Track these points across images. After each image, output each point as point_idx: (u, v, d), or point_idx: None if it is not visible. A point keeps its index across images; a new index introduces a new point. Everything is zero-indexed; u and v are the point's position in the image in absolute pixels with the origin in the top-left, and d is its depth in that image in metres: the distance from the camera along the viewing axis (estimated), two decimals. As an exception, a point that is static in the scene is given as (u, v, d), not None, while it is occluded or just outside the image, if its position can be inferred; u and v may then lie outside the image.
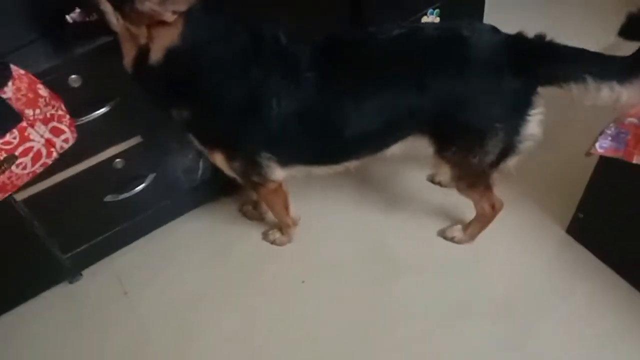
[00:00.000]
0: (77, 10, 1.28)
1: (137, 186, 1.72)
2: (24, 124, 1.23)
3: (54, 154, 1.34)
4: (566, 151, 1.86)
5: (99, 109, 1.48)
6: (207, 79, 1.34)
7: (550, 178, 1.95)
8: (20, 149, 1.25)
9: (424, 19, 2.02)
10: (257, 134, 1.43)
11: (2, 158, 1.22)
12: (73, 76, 1.39)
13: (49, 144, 1.31)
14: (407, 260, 1.81)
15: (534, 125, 1.41)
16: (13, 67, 1.21)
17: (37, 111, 1.26)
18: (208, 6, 1.26)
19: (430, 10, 2.00)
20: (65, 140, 1.35)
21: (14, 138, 1.23)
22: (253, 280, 1.81)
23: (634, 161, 1.39)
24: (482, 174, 1.54)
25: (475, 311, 1.69)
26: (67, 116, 1.35)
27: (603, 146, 1.44)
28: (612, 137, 1.43)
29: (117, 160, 1.63)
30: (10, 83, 1.19)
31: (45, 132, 1.29)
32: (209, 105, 1.38)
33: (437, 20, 2.05)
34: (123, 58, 1.32)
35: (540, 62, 1.35)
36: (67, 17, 1.28)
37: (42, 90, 1.27)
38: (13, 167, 1.26)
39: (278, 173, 1.55)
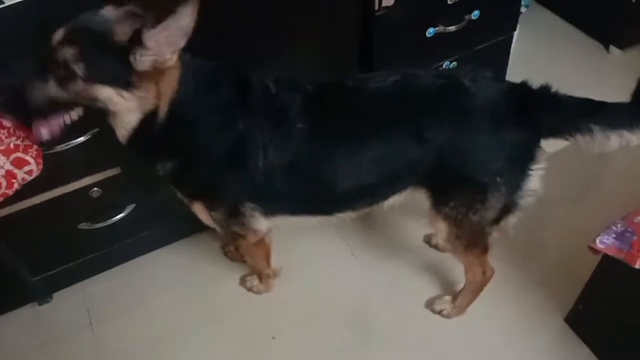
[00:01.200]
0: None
1: (115, 216, 1.67)
2: (-19, 154, 1.18)
3: (15, 185, 1.28)
4: (577, 235, 1.71)
5: (76, 138, 1.42)
6: (195, 129, 1.25)
7: (560, 262, 1.81)
8: (-25, 180, 1.20)
9: (443, 66, 1.91)
10: (242, 184, 1.34)
11: (-44, 186, 1.18)
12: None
13: (9, 175, 1.26)
14: (386, 332, 1.70)
15: (535, 180, 1.32)
16: (-23, 96, 1.16)
17: (-3, 142, 1.21)
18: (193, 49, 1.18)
19: (447, 63, 1.89)
20: (29, 172, 1.30)
21: (-30, 168, 1.18)
22: (224, 327, 1.72)
23: (637, 266, 1.26)
24: (481, 232, 1.42)
25: None
26: (35, 147, 1.29)
27: (605, 242, 1.31)
28: (616, 234, 1.30)
29: (94, 189, 1.58)
30: (-31, 114, 1.14)
31: (5, 163, 1.24)
32: (194, 155, 1.29)
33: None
34: (116, 133, 1.22)
35: (544, 114, 1.27)
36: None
37: (6, 122, 1.21)
38: (-32, 196, 1.21)
39: (262, 223, 1.45)
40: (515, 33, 2.06)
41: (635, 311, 1.42)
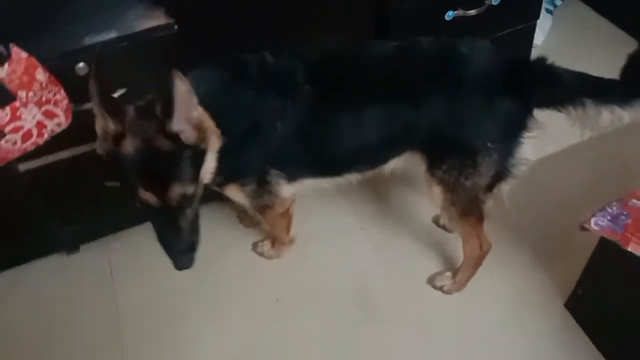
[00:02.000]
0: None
1: (138, 176, 1.77)
2: (16, 104, 1.30)
3: (45, 135, 1.41)
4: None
5: (104, 98, 1.53)
6: (219, 124, 1.32)
7: (562, 246, 1.83)
8: (10, 127, 1.32)
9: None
10: (265, 152, 1.43)
11: (-9, 132, 1.30)
12: (80, 64, 1.45)
13: (40, 125, 1.38)
14: (387, 307, 1.75)
15: (528, 148, 1.37)
16: (15, 49, 1.28)
17: (31, 94, 1.32)
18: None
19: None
20: (58, 124, 1.42)
21: (5, 115, 1.30)
22: (232, 289, 1.82)
23: (629, 248, 1.27)
24: (475, 199, 1.47)
25: None
26: (65, 101, 1.42)
27: (599, 224, 1.33)
28: (611, 217, 1.32)
29: (120, 148, 1.68)
30: (6, 65, 1.26)
31: (37, 114, 1.36)
32: (226, 150, 1.35)
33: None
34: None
35: (538, 85, 1.32)
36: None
37: (40, 75, 1.33)
38: (2, 142, 1.34)
39: (286, 189, 1.54)
40: (538, 22, 2.07)
41: (632, 296, 1.43)
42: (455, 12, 1.78)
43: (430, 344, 1.66)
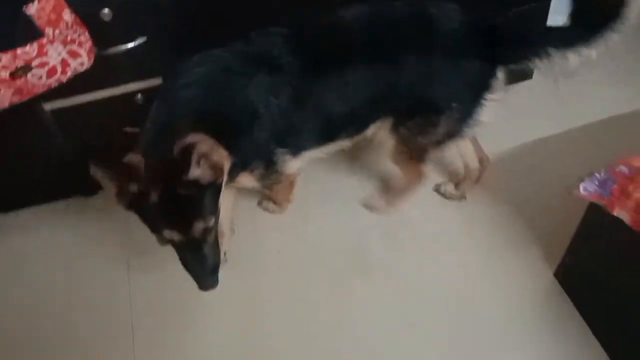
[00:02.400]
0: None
1: (155, 125, 1.86)
2: (43, 40, 1.40)
3: (69, 73, 1.51)
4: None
5: (125, 44, 1.63)
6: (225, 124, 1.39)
7: (553, 216, 1.87)
8: (36, 61, 1.42)
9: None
10: (269, 134, 1.47)
11: (20, 65, 1.40)
12: (105, 10, 1.54)
13: (64, 63, 1.48)
14: (382, 264, 1.82)
15: (487, 111, 1.46)
16: (45, -12, 1.39)
17: (57, 32, 1.42)
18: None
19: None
20: (81, 64, 1.51)
21: (33, 50, 1.40)
22: (237, 240, 1.90)
23: (615, 213, 1.32)
24: (422, 151, 1.58)
25: (433, 329, 1.67)
26: (89, 43, 1.51)
27: (588, 189, 1.37)
28: (599, 182, 1.36)
29: (139, 96, 1.78)
30: (36, 2, 1.36)
31: (62, 52, 1.46)
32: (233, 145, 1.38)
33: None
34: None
35: (503, 45, 1.40)
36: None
37: (67, 15, 1.43)
38: (29, 76, 1.44)
39: (292, 164, 1.59)
40: (558, 5, 2.09)
41: (618, 264, 1.48)
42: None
43: (423, 302, 1.73)
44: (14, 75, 1.41)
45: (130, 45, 1.63)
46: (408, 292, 1.75)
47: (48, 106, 1.72)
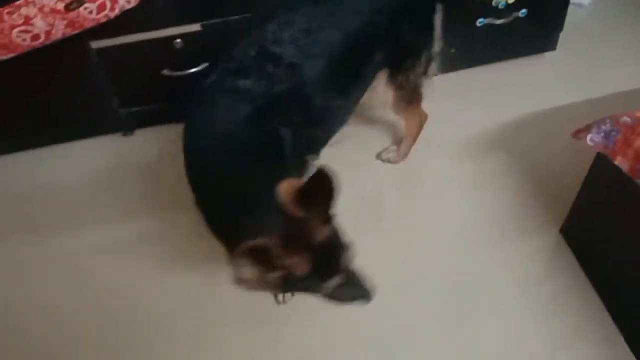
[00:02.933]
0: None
1: (191, 69, 1.99)
2: (96, -25, 1.54)
3: (116, 10, 1.65)
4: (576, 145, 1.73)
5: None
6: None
7: (560, 172, 1.94)
8: (88, -5, 1.56)
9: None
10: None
11: (74, -2, 1.54)
12: (152, -46, 1.67)
13: (113, 0, 1.61)
14: (393, 211, 1.92)
15: (438, 28, 1.66)
16: None
17: (109, -31, 1.56)
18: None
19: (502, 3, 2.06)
20: (128, 2, 1.65)
21: (86, -16, 1.54)
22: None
23: (616, 162, 1.39)
24: (416, 87, 1.76)
25: (438, 277, 1.75)
26: (136, -17, 1.64)
27: (594, 140, 1.45)
28: (605, 133, 1.43)
29: (178, 40, 1.90)
30: (91, -61, 1.49)
31: (111, -12, 1.59)
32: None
33: (512, -1, 2.08)
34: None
35: None
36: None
37: (118, -44, 1.56)
38: (81, 9, 1.58)
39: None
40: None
41: (622, 220, 1.53)
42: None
43: (429, 250, 1.81)
44: (68, 7, 1.55)
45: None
46: (416, 240, 1.84)
47: (94, 44, 1.85)
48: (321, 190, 1.11)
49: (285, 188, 1.16)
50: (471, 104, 2.21)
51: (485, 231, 1.86)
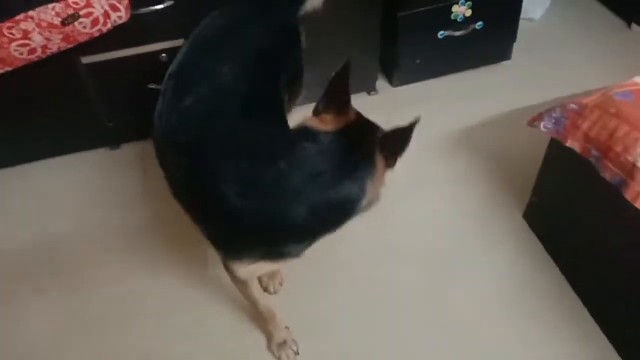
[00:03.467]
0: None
1: (175, 83, 2.12)
2: (90, -8, 1.67)
3: (109, 25, 1.77)
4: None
5: (155, 5, 1.89)
6: None
7: (521, 157, 2.11)
8: (83, 11, 1.68)
9: (455, 8, 2.26)
10: None
11: (70, 13, 1.67)
12: (138, -27, 1.81)
13: (106, 15, 1.74)
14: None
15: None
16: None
17: (102, -14, 1.69)
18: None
19: (462, 0, 2.25)
20: (119, 17, 1.78)
21: (82, 1, 1.66)
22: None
23: (567, 144, 1.56)
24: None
25: (410, 259, 1.89)
26: (126, 0, 1.78)
27: (547, 126, 1.62)
28: (555, 120, 1.60)
29: (163, 55, 2.03)
30: (86, -42, 1.63)
31: (105, 4, 1.72)
32: None
33: (469, 12, 2.29)
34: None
35: None
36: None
37: (110, -25, 1.70)
38: (76, 23, 1.70)
39: None
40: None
41: (580, 201, 1.68)
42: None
43: (410, 245, 1.94)
44: (64, 22, 1.67)
45: (160, 6, 1.90)
46: (395, 231, 1.98)
47: (84, 60, 1.97)
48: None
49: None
50: (436, 110, 2.38)
51: (460, 222, 2.01)
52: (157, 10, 1.90)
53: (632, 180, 1.38)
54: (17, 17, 1.61)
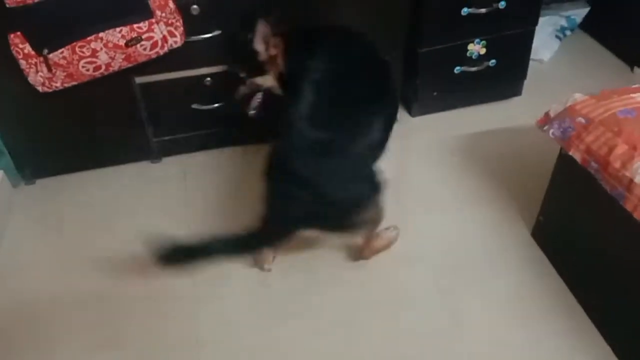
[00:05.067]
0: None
1: (216, 104, 2.34)
2: (153, 19, 1.91)
3: (165, 48, 2.00)
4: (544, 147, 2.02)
5: (204, 34, 2.13)
6: None
7: (531, 177, 2.26)
8: (145, 35, 1.92)
9: (470, 46, 2.49)
10: None
11: (134, 36, 1.90)
12: (194, 6, 2.05)
13: (164, 39, 1.97)
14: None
15: None
16: (157, -19, 1.90)
17: (163, 14, 1.93)
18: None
19: (477, 40, 2.48)
20: (175, 42, 2.01)
21: (145, 26, 1.90)
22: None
23: (570, 152, 1.70)
24: None
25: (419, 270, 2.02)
26: (182, 28, 2.02)
27: (555, 134, 1.76)
28: (563, 129, 1.73)
29: (207, 79, 2.27)
30: (153, -11, 1.88)
31: (164, 30, 1.96)
32: None
33: (483, 50, 2.51)
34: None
35: None
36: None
37: (171, 3, 1.94)
38: (138, 46, 1.93)
39: None
40: (547, 43, 2.64)
41: (589, 218, 1.78)
42: (470, 9, 2.34)
43: (419, 260, 2.06)
44: (128, 44, 1.91)
45: (208, 35, 2.14)
46: (406, 242, 2.09)
47: (138, 80, 2.20)
48: None
49: None
50: (450, 137, 2.58)
51: (469, 241, 2.13)
52: (205, 38, 2.13)
53: (630, 194, 1.50)
54: (89, 37, 1.84)
